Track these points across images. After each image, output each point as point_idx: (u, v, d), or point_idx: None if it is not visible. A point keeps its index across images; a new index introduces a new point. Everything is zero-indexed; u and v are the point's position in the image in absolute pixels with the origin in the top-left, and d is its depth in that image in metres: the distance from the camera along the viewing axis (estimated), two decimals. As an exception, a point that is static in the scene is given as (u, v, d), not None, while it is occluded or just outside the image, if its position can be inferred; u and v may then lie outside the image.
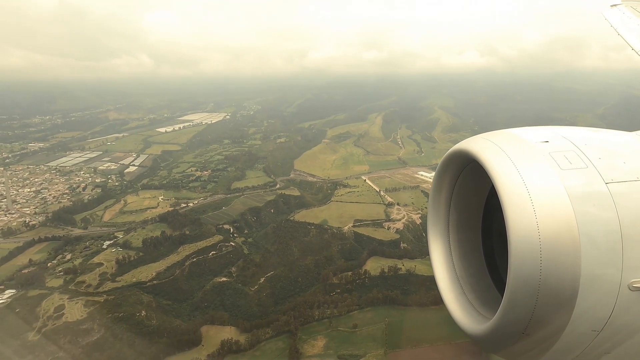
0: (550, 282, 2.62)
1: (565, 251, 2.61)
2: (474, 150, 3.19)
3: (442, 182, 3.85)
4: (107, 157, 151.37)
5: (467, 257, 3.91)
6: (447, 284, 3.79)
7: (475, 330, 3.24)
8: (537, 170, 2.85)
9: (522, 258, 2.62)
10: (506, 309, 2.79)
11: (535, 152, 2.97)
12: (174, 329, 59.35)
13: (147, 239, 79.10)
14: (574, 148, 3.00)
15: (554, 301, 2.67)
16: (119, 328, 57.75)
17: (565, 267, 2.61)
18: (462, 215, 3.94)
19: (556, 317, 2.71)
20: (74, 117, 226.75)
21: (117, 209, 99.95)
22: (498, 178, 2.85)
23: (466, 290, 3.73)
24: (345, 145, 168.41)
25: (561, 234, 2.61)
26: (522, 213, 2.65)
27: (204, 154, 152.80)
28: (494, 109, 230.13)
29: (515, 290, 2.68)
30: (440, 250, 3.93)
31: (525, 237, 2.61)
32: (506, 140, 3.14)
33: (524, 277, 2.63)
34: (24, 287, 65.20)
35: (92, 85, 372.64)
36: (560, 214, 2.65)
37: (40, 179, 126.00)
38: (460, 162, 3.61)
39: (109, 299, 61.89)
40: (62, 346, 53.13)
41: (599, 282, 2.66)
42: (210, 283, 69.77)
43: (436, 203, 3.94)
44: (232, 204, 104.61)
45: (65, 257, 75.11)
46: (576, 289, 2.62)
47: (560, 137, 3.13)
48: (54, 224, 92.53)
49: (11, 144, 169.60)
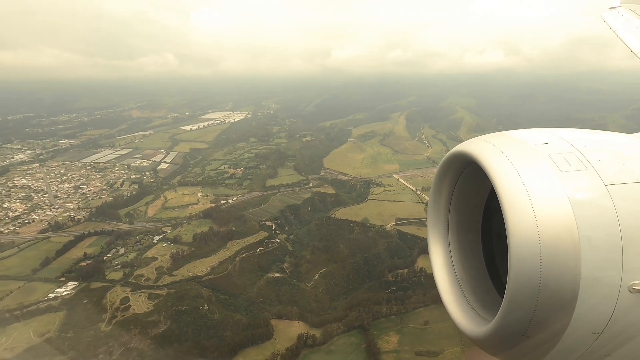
0: (550, 284, 2.60)
1: (565, 253, 2.60)
2: (474, 152, 3.17)
3: (442, 184, 3.82)
4: (137, 154, 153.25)
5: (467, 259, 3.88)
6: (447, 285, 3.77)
7: (475, 333, 3.23)
8: (537, 172, 2.84)
9: (522, 260, 2.61)
10: (506, 311, 2.77)
11: (535, 154, 2.97)
12: (235, 323, 60.00)
13: (197, 234, 79.96)
14: (573, 150, 3.00)
15: (554, 303, 2.65)
16: (183, 321, 58.56)
17: (565, 269, 2.60)
18: (462, 217, 3.92)
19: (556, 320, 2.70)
20: (99, 115, 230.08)
21: (158, 204, 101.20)
22: (498, 180, 2.84)
23: (466, 292, 3.70)
24: (371, 144, 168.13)
25: (561, 236, 2.61)
26: (522, 215, 2.65)
27: (233, 152, 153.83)
28: (516, 109, 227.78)
29: (515, 293, 2.67)
30: (440, 252, 3.91)
31: (525, 239, 2.61)
32: (506, 142, 3.14)
33: (524, 279, 2.62)
34: (85, 279, 66.46)
35: (114, 84, 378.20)
36: (560, 216, 2.64)
37: (77, 174, 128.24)
38: (460, 164, 3.58)
39: (171, 292, 62.73)
40: (133, 337, 54.02)
41: (599, 284, 2.64)
42: (264, 278, 70.26)
43: (436, 205, 3.92)
44: (270, 201, 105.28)
45: (119, 251, 76.31)
46: (576, 291, 2.61)
47: (559, 139, 3.13)
48: (100, 219, 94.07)
49: (42, 140, 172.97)
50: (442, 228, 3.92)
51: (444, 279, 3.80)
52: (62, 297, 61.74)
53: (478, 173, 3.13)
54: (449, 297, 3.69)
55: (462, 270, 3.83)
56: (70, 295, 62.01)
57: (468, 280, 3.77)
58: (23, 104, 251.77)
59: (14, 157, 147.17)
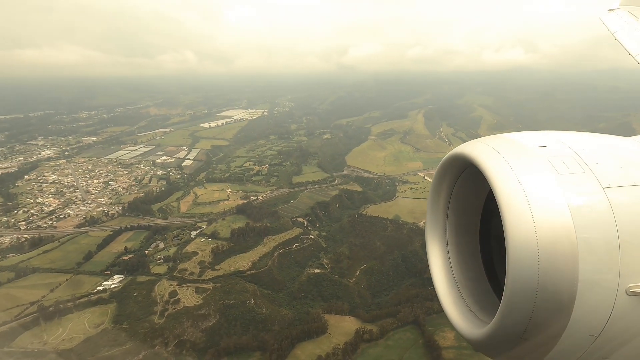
0: (548, 287, 2.60)
1: (563, 256, 2.59)
2: (473, 154, 3.15)
3: (441, 186, 3.81)
4: (160, 150, 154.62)
5: (465, 261, 3.87)
6: (445, 288, 3.75)
7: (473, 335, 3.21)
8: (535, 174, 2.83)
9: (520, 262, 2.60)
10: (504, 313, 2.77)
11: (533, 157, 2.96)
12: (282, 317, 60.46)
13: (235, 230, 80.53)
14: (571, 153, 2.99)
15: (552, 306, 2.64)
16: (231, 314, 59.16)
17: (563, 271, 2.59)
18: (461, 219, 3.91)
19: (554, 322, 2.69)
20: (117, 112, 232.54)
21: (189, 200, 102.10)
22: (496, 182, 2.83)
23: (464, 295, 3.68)
24: (392, 142, 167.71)
25: (559, 239, 2.59)
26: (520, 217, 2.64)
27: (255, 149, 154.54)
28: (534, 108, 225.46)
29: (513, 295, 2.67)
30: (438, 254, 3.89)
31: (523, 241, 2.60)
32: (504, 145, 3.11)
33: (522, 282, 2.62)
34: (130, 273, 67.39)
35: (130, 81, 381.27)
36: (558, 218, 2.63)
37: (104, 170, 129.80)
38: (458, 166, 3.57)
39: (217, 286, 63.33)
40: (186, 329, 54.71)
41: (596, 287, 2.64)
42: (304, 274, 70.63)
43: (434, 207, 3.91)
44: (298, 198, 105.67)
45: (159, 245, 77.19)
46: (574, 294, 2.61)
47: (558, 142, 3.12)
48: (133, 214, 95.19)
49: (65, 137, 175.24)
50: (440, 230, 3.91)
51: (442, 281, 3.79)
52: (111, 289, 62.69)
53: (476, 175, 3.13)
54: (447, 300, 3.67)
55: (460, 273, 3.81)
56: (118, 288, 62.93)
57: (466, 283, 3.76)
58: (42, 101, 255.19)
59: (40, 153, 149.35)
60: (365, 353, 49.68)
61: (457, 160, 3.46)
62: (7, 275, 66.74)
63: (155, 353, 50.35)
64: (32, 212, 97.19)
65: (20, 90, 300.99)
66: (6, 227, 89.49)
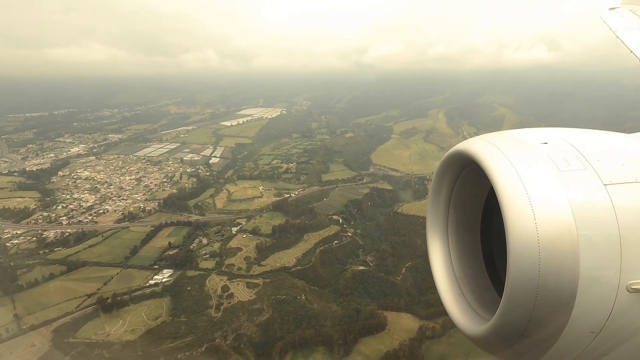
0: (548, 284, 2.57)
1: (563, 253, 2.57)
2: (473, 151, 3.12)
3: (442, 183, 3.78)
4: (186, 148, 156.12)
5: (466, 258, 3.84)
6: (445, 285, 3.73)
7: (474, 332, 3.19)
8: (536, 171, 2.81)
9: (520, 259, 2.58)
10: (505, 310, 2.75)
11: (534, 154, 2.94)
12: (333, 313, 60.69)
13: (276, 226, 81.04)
14: (572, 150, 2.96)
15: (553, 302, 2.62)
16: (284, 309, 59.59)
17: (563, 268, 2.57)
18: (461, 217, 3.88)
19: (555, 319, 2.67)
20: (138, 110, 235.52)
21: (224, 197, 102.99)
22: (497, 179, 2.81)
23: (465, 292, 3.67)
24: (415, 141, 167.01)
25: (560, 236, 2.57)
26: (521, 214, 2.62)
27: (280, 147, 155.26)
28: (556, 108, 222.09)
29: (513, 292, 2.65)
30: (439, 251, 3.86)
31: (524, 238, 2.58)
32: (505, 142, 3.09)
33: (523, 279, 2.60)
34: (179, 268, 68.23)
35: (148, 80, 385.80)
36: (559, 215, 2.61)
37: (135, 167, 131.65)
38: (459, 163, 3.54)
39: (266, 282, 63.83)
40: (242, 323, 55.27)
41: (597, 284, 2.61)
42: (349, 271, 70.78)
43: (435, 204, 3.88)
44: (330, 196, 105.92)
45: (202, 241, 78.03)
46: (575, 291, 2.58)
47: (559, 139, 3.10)
48: (170, 210, 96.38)
49: (91, 134, 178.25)
50: (441, 227, 3.90)
51: (443, 278, 3.78)
52: (163, 283, 63.57)
53: (477, 172, 3.10)
54: (448, 296, 3.67)
55: (461, 270, 3.80)
56: (170, 282, 63.80)
57: (467, 280, 3.75)
58: (65, 100, 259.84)
59: (69, 150, 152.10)
60: (430, 350, 49.66)
61: (458, 157, 3.44)
62: (60, 268, 68.15)
63: (215, 346, 50.93)
64: (71, 207, 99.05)
65: (44, 89, 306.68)
66: (48, 221, 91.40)
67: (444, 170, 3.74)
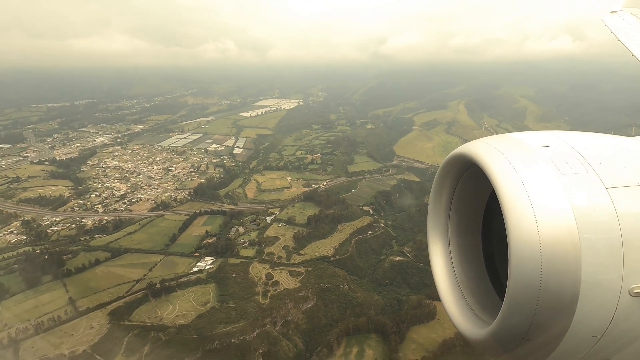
0: (550, 287, 2.54)
1: (565, 256, 2.54)
2: (475, 154, 3.08)
3: (443, 185, 3.74)
4: (208, 139, 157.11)
5: (467, 261, 3.80)
6: (447, 287, 3.68)
7: (475, 335, 3.14)
8: (538, 174, 2.77)
9: (522, 262, 2.55)
10: (506, 314, 2.71)
11: (536, 157, 2.91)
12: (375, 302, 61.25)
13: (311, 216, 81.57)
14: (574, 153, 2.93)
15: (555, 306, 2.59)
16: (327, 297, 60.36)
17: (565, 272, 2.54)
18: (463, 219, 3.84)
19: (556, 323, 2.63)
20: (157, 101, 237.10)
21: (253, 187, 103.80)
22: (498, 182, 2.77)
23: (466, 294, 3.62)
24: (437, 133, 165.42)
25: (562, 239, 2.54)
26: (522, 217, 2.59)
27: (302, 138, 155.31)
28: (579, 100, 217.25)
29: (515, 295, 2.62)
30: (440, 253, 3.82)
31: (526, 241, 2.55)
32: (507, 145, 3.06)
33: (524, 282, 2.56)
34: (220, 255, 69.29)
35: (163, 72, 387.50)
36: (560, 218, 2.58)
37: (160, 157, 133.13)
38: (461, 165, 3.50)
39: (308, 270, 64.53)
40: (289, 310, 56.15)
41: (599, 288, 2.58)
42: (386, 261, 71.12)
43: (436, 206, 3.84)
44: (359, 187, 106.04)
45: (238, 230, 78.96)
46: (577, 294, 2.55)
47: (561, 142, 3.07)
48: (202, 199, 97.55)
49: (113, 125, 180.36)
50: (442, 230, 3.87)
51: (444, 280, 3.74)
52: (207, 270, 64.71)
53: (479, 175, 3.06)
54: (449, 299, 3.62)
55: (462, 272, 3.77)
56: (213, 269, 64.92)
57: (468, 283, 3.72)
58: (84, 90, 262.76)
59: (95, 140, 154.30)
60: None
61: (459, 159, 3.41)
62: (104, 254, 69.75)
63: (266, 332, 51.91)
64: (104, 195, 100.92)
65: (63, 80, 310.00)
66: (84, 209, 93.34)
67: (446, 173, 3.70)
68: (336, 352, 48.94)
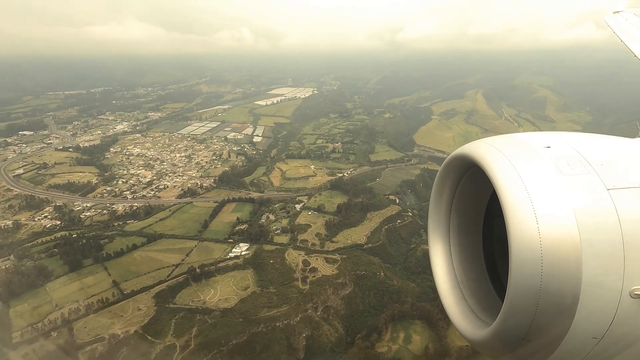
0: (551, 289, 2.55)
1: (566, 257, 2.54)
2: (476, 154, 3.08)
3: (444, 186, 3.72)
4: (227, 127, 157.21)
5: (467, 262, 3.78)
6: (447, 288, 3.68)
7: (475, 336, 3.13)
8: (539, 175, 2.76)
9: (523, 264, 2.56)
10: (506, 315, 2.71)
11: (537, 158, 2.91)
12: (411, 290, 61.71)
13: (341, 204, 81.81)
14: (576, 154, 2.93)
15: (555, 308, 2.59)
16: (364, 285, 60.95)
17: (566, 273, 2.54)
18: (463, 220, 3.83)
19: (557, 324, 2.63)
20: (171, 89, 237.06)
21: (278, 175, 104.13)
22: (499, 183, 2.77)
23: (466, 295, 3.61)
24: (456, 122, 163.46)
25: (562, 240, 2.55)
26: (523, 218, 2.59)
27: (320, 127, 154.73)
28: (599, 90, 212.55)
29: (515, 296, 2.62)
30: (440, 254, 3.81)
31: (527, 242, 2.55)
32: (508, 145, 3.05)
33: (525, 283, 2.57)
34: (254, 242, 70.07)
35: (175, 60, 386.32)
36: (562, 219, 2.58)
37: (182, 145, 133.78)
38: (461, 166, 3.49)
39: (343, 257, 65.06)
40: (329, 296, 56.90)
41: (600, 289, 2.58)
42: (419, 250, 71.37)
43: (437, 207, 3.83)
44: (382, 176, 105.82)
45: (269, 217, 79.57)
46: (577, 296, 2.56)
47: (562, 143, 3.06)
48: (228, 187, 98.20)
49: (131, 112, 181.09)
50: (442, 230, 3.86)
51: (444, 281, 3.73)
52: (243, 256, 65.55)
53: (480, 175, 3.04)
54: (449, 300, 3.61)
55: (463, 273, 3.76)
56: (249, 255, 65.73)
57: (468, 283, 3.71)
58: (97, 78, 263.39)
59: (115, 127, 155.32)
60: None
61: (460, 160, 3.40)
62: (140, 239, 70.92)
63: (308, 317, 52.76)
64: (131, 182, 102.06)
65: (78, 67, 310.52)
66: (113, 195, 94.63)
67: (446, 173, 3.69)
68: (384, 337, 49.62)
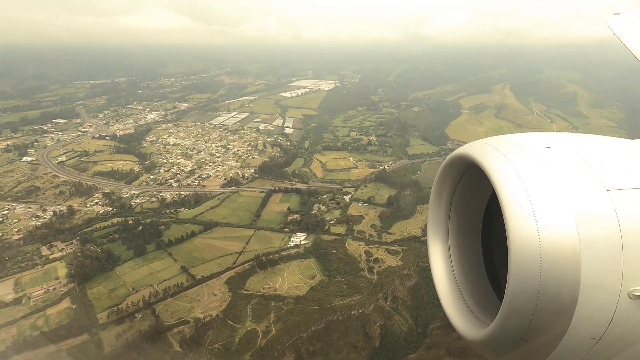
0: (549, 289, 2.57)
1: (565, 258, 2.54)
2: (475, 155, 3.08)
3: (443, 186, 3.72)
4: (256, 118, 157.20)
5: (466, 262, 3.77)
6: (446, 288, 3.69)
7: (474, 336, 3.15)
8: (539, 176, 2.76)
9: (522, 264, 2.56)
10: (505, 315, 2.73)
11: (538, 158, 2.91)
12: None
13: (392, 196, 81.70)
14: (576, 155, 2.94)
15: (554, 308, 2.59)
16: (428, 276, 60.83)
17: (565, 274, 2.54)
18: (462, 220, 3.82)
19: (555, 324, 2.65)
20: (194, 79, 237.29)
21: (318, 166, 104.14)
22: (499, 184, 2.78)
23: (465, 296, 3.62)
24: (486, 117, 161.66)
25: (561, 241, 2.55)
26: (522, 219, 2.60)
27: (350, 119, 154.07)
28: (628, 85, 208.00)
29: (514, 297, 2.63)
30: (439, 254, 3.81)
31: (526, 243, 2.55)
32: (508, 146, 3.06)
33: (524, 284, 2.58)
34: (311, 232, 70.38)
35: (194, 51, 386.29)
36: (561, 220, 2.58)
37: (215, 135, 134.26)
38: (461, 166, 3.47)
39: (404, 249, 65.15)
40: (397, 287, 57.14)
41: (598, 290, 2.59)
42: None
43: (436, 207, 3.82)
44: (422, 169, 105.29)
45: (320, 207, 79.79)
46: (576, 297, 2.58)
47: (562, 144, 3.07)
48: (270, 177, 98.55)
49: (158, 102, 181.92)
50: (442, 230, 3.84)
51: (443, 281, 3.72)
52: (303, 245, 65.94)
53: (479, 176, 3.03)
54: (448, 300, 3.59)
55: (462, 274, 3.73)
56: (308, 244, 66.10)
57: (467, 284, 3.67)
58: (119, 67, 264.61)
59: (145, 117, 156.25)
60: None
61: (460, 160, 3.38)
62: (196, 227, 71.66)
63: (380, 306, 53.10)
64: (173, 171, 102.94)
65: (100, 56, 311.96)
66: (158, 184, 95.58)
67: (446, 173, 3.64)
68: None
